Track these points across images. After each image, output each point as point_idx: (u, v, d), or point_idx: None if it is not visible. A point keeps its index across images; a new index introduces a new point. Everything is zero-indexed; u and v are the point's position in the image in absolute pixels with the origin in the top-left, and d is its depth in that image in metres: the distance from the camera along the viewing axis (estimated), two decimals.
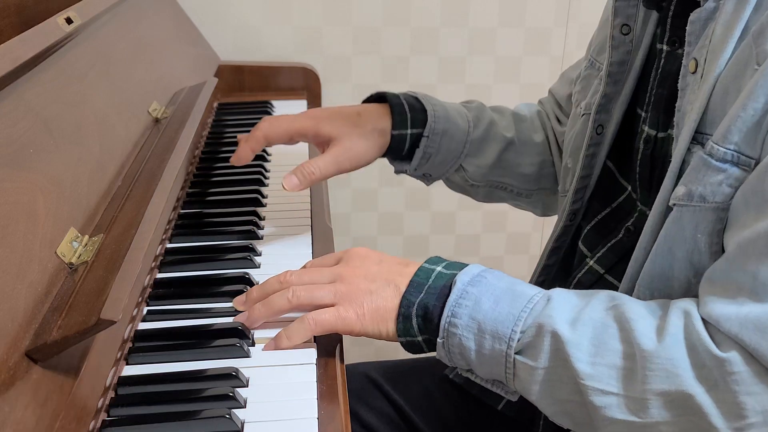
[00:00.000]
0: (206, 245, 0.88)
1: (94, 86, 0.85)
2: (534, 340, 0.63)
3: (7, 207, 0.58)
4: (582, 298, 0.65)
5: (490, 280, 0.67)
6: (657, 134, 0.73)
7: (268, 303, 0.70)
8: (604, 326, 0.62)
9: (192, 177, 1.06)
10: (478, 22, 1.60)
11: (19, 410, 0.50)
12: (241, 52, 1.54)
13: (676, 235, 0.65)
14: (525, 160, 0.96)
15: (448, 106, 0.94)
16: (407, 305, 0.67)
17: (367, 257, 0.72)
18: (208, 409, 0.61)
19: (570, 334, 0.61)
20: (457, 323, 0.65)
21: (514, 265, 1.84)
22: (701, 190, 0.62)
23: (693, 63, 0.66)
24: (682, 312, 0.60)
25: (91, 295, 0.59)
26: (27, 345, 0.55)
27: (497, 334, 0.64)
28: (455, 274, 0.68)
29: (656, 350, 0.58)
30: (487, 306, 0.65)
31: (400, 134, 0.89)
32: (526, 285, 0.67)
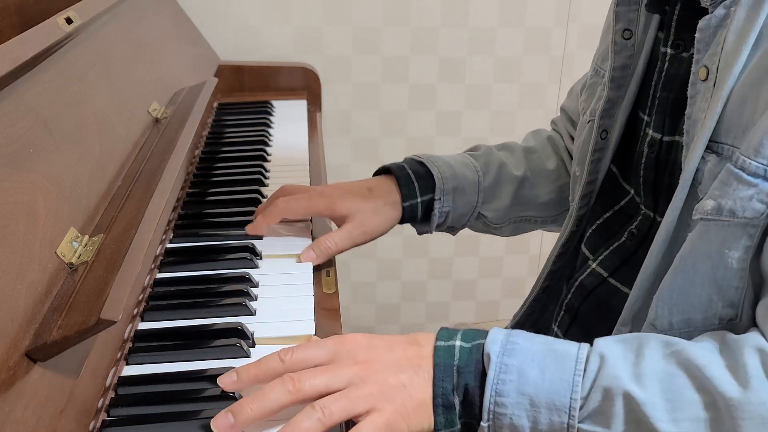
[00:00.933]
0: (206, 245, 0.88)
1: (94, 86, 0.85)
2: (602, 405, 0.57)
3: (7, 207, 0.58)
4: (631, 347, 0.60)
5: (524, 345, 0.61)
6: (662, 138, 0.73)
7: (294, 426, 0.57)
8: (671, 376, 0.57)
9: (192, 177, 1.06)
10: (478, 22, 1.60)
11: (19, 410, 0.50)
12: (241, 52, 1.54)
13: (701, 250, 0.62)
14: (542, 190, 0.96)
15: (453, 161, 0.94)
16: (444, 394, 0.60)
17: (371, 346, 0.62)
18: (208, 409, 0.61)
19: (642, 393, 0.56)
20: (504, 402, 0.58)
21: (514, 266, 1.84)
22: (731, 205, 0.60)
23: (704, 70, 0.64)
24: (755, 350, 0.57)
25: (91, 295, 0.59)
26: (27, 345, 0.55)
27: (554, 406, 0.58)
28: (481, 344, 0.61)
29: (744, 397, 0.55)
30: (534, 376, 0.59)
31: (411, 204, 0.91)
32: (562, 342, 0.62)
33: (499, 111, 1.70)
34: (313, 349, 0.62)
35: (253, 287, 0.79)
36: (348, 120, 1.65)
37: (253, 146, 1.19)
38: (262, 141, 1.21)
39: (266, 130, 1.26)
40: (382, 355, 0.62)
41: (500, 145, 1.00)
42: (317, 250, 0.85)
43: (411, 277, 1.83)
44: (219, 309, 0.75)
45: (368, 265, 1.79)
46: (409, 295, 1.85)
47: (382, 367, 0.61)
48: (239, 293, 0.77)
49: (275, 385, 0.59)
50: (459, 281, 1.85)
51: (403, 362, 0.61)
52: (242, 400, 0.58)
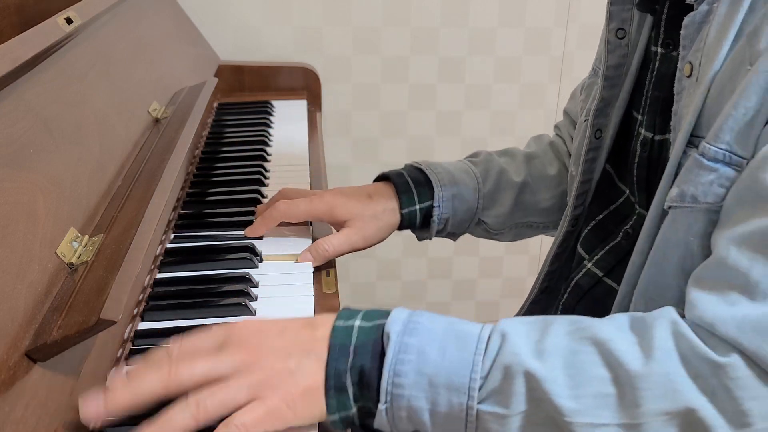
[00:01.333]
0: (206, 245, 0.88)
1: (94, 86, 0.85)
2: (502, 384, 0.55)
3: (7, 207, 0.58)
4: (534, 326, 0.59)
5: (425, 324, 0.59)
6: (654, 137, 0.73)
7: (167, 423, 0.53)
8: (574, 352, 0.56)
9: (192, 177, 1.06)
10: (478, 22, 1.60)
11: (19, 410, 0.50)
12: (241, 52, 1.54)
13: (670, 238, 0.63)
14: (543, 196, 0.96)
15: (453, 168, 0.94)
16: (336, 374, 0.56)
17: (261, 331, 0.59)
18: None
19: (543, 369, 0.54)
20: (403, 383, 0.56)
21: (513, 266, 1.84)
22: (693, 191, 0.61)
23: (688, 66, 0.65)
24: (667, 322, 0.56)
25: (91, 295, 0.59)
26: (27, 345, 0.55)
27: (453, 386, 0.55)
28: (381, 324, 0.59)
29: (646, 368, 0.53)
30: (434, 355, 0.56)
31: (409, 211, 0.91)
32: (463, 323, 0.60)
33: (499, 111, 1.70)
34: (202, 338, 0.59)
35: (253, 287, 0.79)
36: (348, 120, 1.65)
37: (253, 146, 1.19)
38: (262, 141, 1.21)
39: (266, 130, 1.27)
40: (272, 340, 0.58)
41: (501, 151, 1.00)
42: (315, 253, 0.85)
43: (411, 277, 1.83)
44: (219, 309, 0.75)
45: (368, 265, 1.79)
46: (409, 295, 1.85)
47: (269, 352, 0.57)
48: (239, 293, 0.77)
49: (149, 371, 0.55)
50: (459, 281, 1.85)
51: (293, 347, 0.58)
52: (115, 382, 0.55)
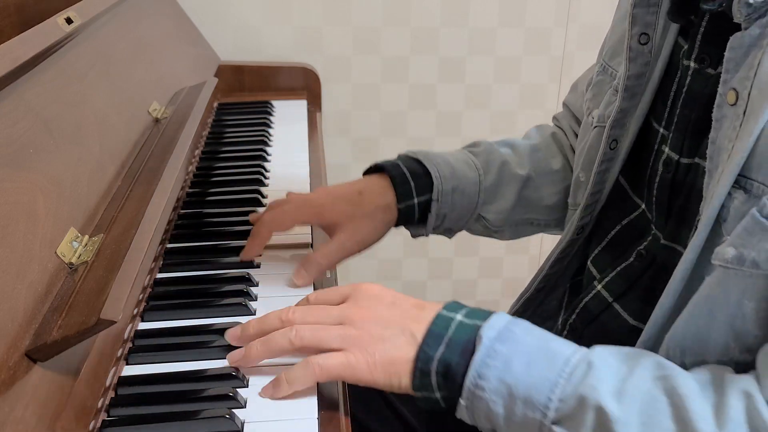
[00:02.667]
0: (206, 245, 0.88)
1: (94, 86, 0.85)
2: (574, 412, 0.56)
3: (7, 207, 0.58)
4: (625, 363, 0.59)
5: (519, 335, 0.60)
6: (680, 159, 0.69)
7: (267, 342, 0.63)
8: (653, 399, 0.55)
9: (192, 177, 1.06)
10: (478, 22, 1.60)
11: (19, 410, 0.50)
12: (241, 52, 1.54)
13: (719, 298, 0.58)
14: (547, 191, 0.92)
15: (452, 158, 0.89)
16: (425, 360, 0.60)
17: (378, 297, 0.65)
18: (208, 409, 0.61)
19: (617, 410, 0.55)
20: (484, 386, 0.58)
21: (514, 266, 1.84)
22: (755, 256, 0.55)
23: (732, 94, 0.59)
24: (743, 394, 0.54)
25: (91, 295, 0.59)
26: (27, 345, 0.55)
27: (530, 401, 0.57)
28: (479, 326, 0.61)
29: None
30: (519, 368, 0.58)
31: (407, 206, 0.86)
32: (559, 341, 0.61)
33: (499, 111, 1.70)
34: (331, 292, 0.68)
35: (253, 287, 0.79)
36: (348, 120, 1.65)
37: (253, 146, 1.19)
38: (262, 141, 1.21)
39: (266, 130, 1.26)
40: (381, 309, 0.64)
41: (501, 141, 0.95)
42: (309, 269, 0.81)
43: (411, 277, 1.83)
44: (219, 309, 0.75)
45: (368, 265, 1.79)
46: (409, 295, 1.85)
47: (373, 317, 0.63)
48: (239, 293, 0.77)
49: (276, 311, 0.66)
50: (459, 281, 1.85)
51: (395, 320, 0.62)
52: (247, 322, 0.66)
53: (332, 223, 0.84)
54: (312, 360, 0.61)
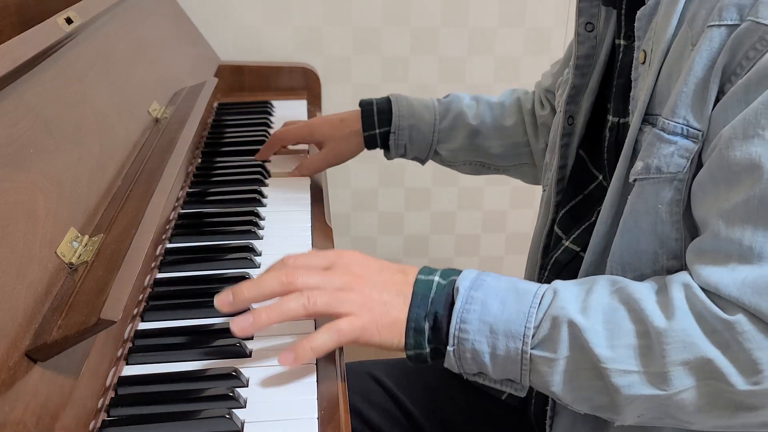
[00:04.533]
0: (206, 245, 0.88)
1: (94, 86, 0.85)
2: (550, 332, 0.64)
3: (7, 207, 0.58)
4: (583, 286, 0.67)
5: (490, 282, 0.68)
6: (619, 120, 0.78)
7: (279, 308, 0.65)
8: (613, 309, 0.64)
9: (192, 177, 1.06)
10: (478, 22, 1.60)
11: (19, 410, 0.50)
12: (241, 52, 1.54)
13: (640, 208, 0.69)
14: (493, 143, 1.08)
15: (416, 102, 1.10)
16: (416, 319, 0.67)
17: (367, 264, 0.71)
18: (208, 409, 0.61)
19: (585, 321, 0.63)
20: (467, 329, 0.66)
21: (514, 266, 1.84)
22: (657, 163, 0.67)
23: (642, 54, 0.72)
24: (681, 285, 0.63)
25: (91, 295, 0.59)
26: (27, 345, 0.55)
27: (510, 333, 0.65)
28: (454, 279, 0.69)
29: (668, 325, 0.61)
30: (495, 307, 0.66)
31: (370, 134, 1.09)
32: (524, 282, 0.69)
33: None
34: (314, 256, 0.71)
35: None
36: None
37: (253, 146, 1.19)
38: (262, 141, 1.21)
39: (266, 130, 1.26)
40: (373, 275, 0.70)
41: (473, 95, 1.13)
42: (300, 169, 1.09)
43: None
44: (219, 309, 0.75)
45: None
46: None
47: (371, 283, 0.69)
48: None
49: (271, 274, 0.68)
50: None
51: (389, 285, 0.69)
52: (241, 283, 0.67)
53: (319, 140, 1.11)
54: (333, 326, 0.66)
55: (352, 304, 0.67)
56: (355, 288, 0.68)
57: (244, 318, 0.65)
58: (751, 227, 0.61)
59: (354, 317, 0.66)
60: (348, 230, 1.74)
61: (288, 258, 0.70)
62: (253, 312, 0.65)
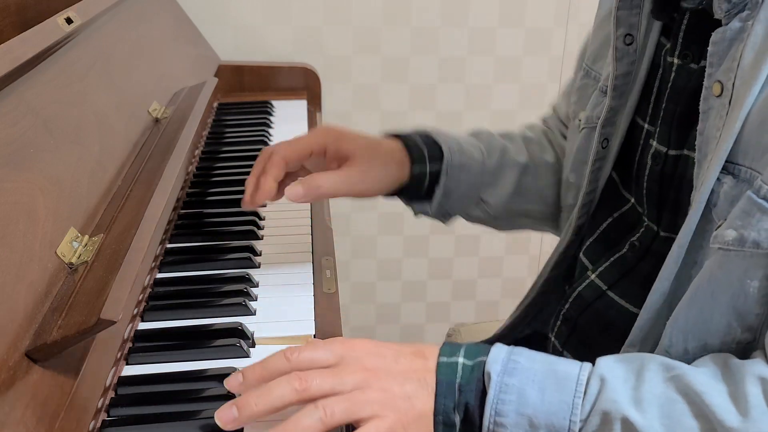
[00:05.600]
0: (206, 245, 0.88)
1: (94, 86, 0.85)
2: (600, 429, 0.57)
3: (7, 207, 0.58)
4: (631, 366, 0.60)
5: (524, 363, 0.60)
6: (668, 151, 0.71)
7: (295, 423, 0.56)
8: (670, 401, 0.57)
9: (192, 177, 1.06)
10: (478, 22, 1.60)
11: (19, 410, 0.50)
12: (241, 52, 1.54)
13: (721, 280, 0.60)
14: (543, 182, 0.93)
15: (460, 137, 0.90)
16: (445, 411, 0.60)
17: (381, 354, 0.62)
18: (208, 409, 0.61)
19: (640, 418, 0.56)
20: (504, 422, 0.58)
21: (514, 265, 1.84)
22: (755, 236, 0.58)
23: (718, 86, 0.62)
24: (758, 379, 0.56)
25: (91, 295, 0.59)
26: (27, 345, 0.55)
27: (553, 428, 0.57)
28: (483, 361, 0.61)
29: (743, 426, 0.54)
30: (534, 398, 0.58)
31: (420, 171, 0.85)
32: (564, 362, 0.61)
33: (499, 111, 1.70)
34: (321, 350, 0.61)
35: (253, 287, 0.79)
36: (348, 120, 1.65)
37: (253, 146, 1.19)
38: (262, 141, 1.21)
39: (266, 130, 1.26)
40: (390, 365, 0.61)
41: (500, 132, 0.96)
42: (306, 187, 0.77)
43: (411, 277, 1.83)
44: (219, 309, 0.75)
45: (368, 265, 1.79)
46: (409, 295, 1.85)
47: (389, 376, 0.60)
48: (239, 293, 0.77)
49: (282, 382, 0.58)
50: (459, 281, 1.85)
51: (409, 374, 0.61)
52: (247, 394, 0.57)
53: (347, 154, 0.80)
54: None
55: (373, 405, 0.58)
56: (373, 385, 0.59)
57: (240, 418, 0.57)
58: None
59: (378, 420, 0.58)
60: (348, 230, 1.74)
61: (290, 353, 0.60)
62: None
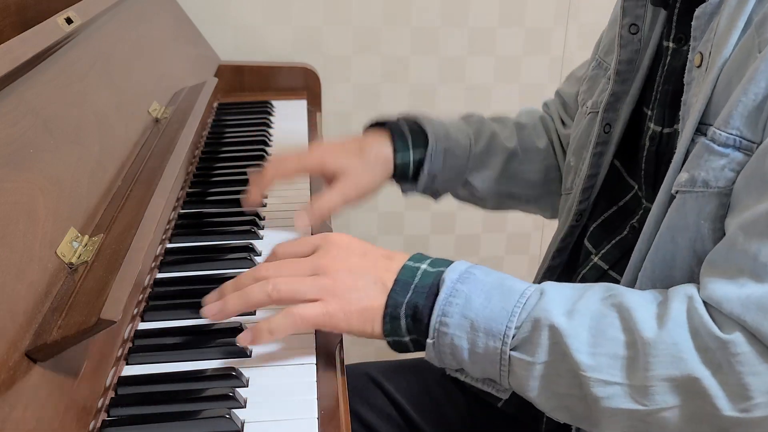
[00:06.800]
0: (206, 245, 0.88)
1: (94, 86, 0.85)
2: (531, 335, 0.61)
3: (7, 207, 0.58)
4: (576, 290, 0.64)
5: (479, 276, 0.65)
6: (663, 130, 0.74)
7: (244, 295, 0.65)
8: (602, 316, 0.61)
9: (192, 177, 1.06)
10: (478, 22, 1.60)
11: (19, 410, 0.50)
12: (241, 52, 1.54)
13: (679, 222, 0.64)
14: (530, 167, 0.97)
15: (448, 123, 0.94)
16: (394, 305, 0.65)
17: (349, 248, 0.68)
18: (208, 409, 0.61)
19: (567, 325, 0.60)
20: (448, 322, 0.63)
21: (514, 265, 1.84)
22: (704, 176, 0.62)
23: (698, 57, 0.66)
24: (684, 296, 0.60)
25: (91, 295, 0.59)
26: (27, 345, 0.55)
27: (491, 332, 0.62)
28: (442, 271, 0.65)
29: (658, 336, 0.58)
30: (479, 303, 0.63)
31: (403, 161, 0.91)
32: (515, 280, 0.66)
33: (499, 111, 1.69)
34: (301, 243, 0.70)
35: None
36: (348, 120, 1.65)
37: (253, 146, 1.19)
38: (262, 141, 1.21)
39: (266, 130, 1.26)
40: (353, 259, 0.67)
41: (493, 116, 1.00)
42: (311, 214, 0.84)
43: None
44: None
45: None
46: None
47: (345, 267, 0.66)
48: None
49: (246, 272, 0.68)
50: None
51: (369, 269, 0.66)
52: (228, 296, 0.66)
53: (334, 172, 0.87)
54: (292, 310, 0.64)
55: (319, 290, 0.65)
56: (328, 273, 0.65)
57: (215, 304, 0.67)
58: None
59: (320, 303, 0.64)
60: (348, 230, 1.73)
61: (278, 247, 0.70)
62: (224, 300, 0.67)
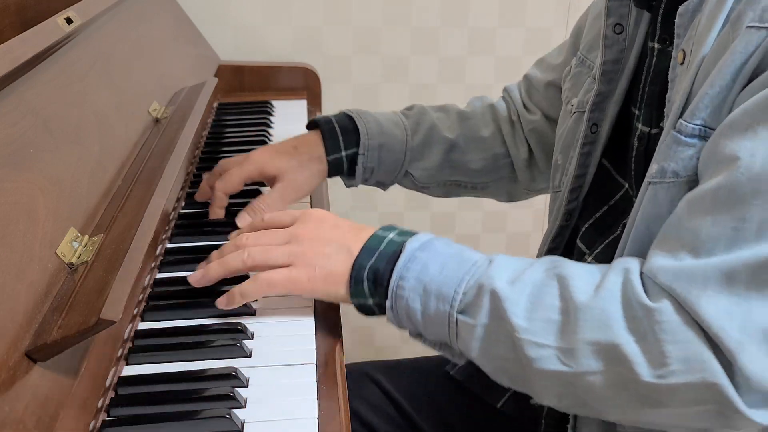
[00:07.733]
0: (206, 245, 0.87)
1: (94, 86, 0.85)
2: (474, 299, 0.65)
3: (7, 207, 0.58)
4: (525, 263, 0.67)
5: (439, 246, 0.69)
6: (650, 131, 0.74)
7: (223, 262, 0.72)
8: (543, 285, 0.64)
9: (192, 177, 1.06)
10: (478, 22, 1.60)
11: (19, 410, 0.50)
12: (241, 52, 1.54)
13: (653, 212, 0.66)
14: (472, 156, 1.00)
15: (383, 118, 0.98)
16: (358, 268, 0.69)
17: (323, 220, 0.74)
18: (208, 409, 0.61)
19: (508, 291, 0.64)
20: (404, 285, 0.67)
21: None
22: (674, 167, 0.64)
23: (681, 54, 0.67)
24: (622, 269, 0.62)
25: (91, 295, 0.59)
26: (27, 345, 0.55)
27: (441, 295, 0.66)
28: (406, 240, 0.70)
29: (590, 301, 0.61)
30: (434, 270, 0.67)
31: (335, 158, 0.95)
32: (473, 252, 0.69)
33: None
34: (283, 215, 0.76)
35: None
36: None
37: (253, 146, 1.18)
38: (262, 141, 1.21)
39: (266, 130, 1.26)
40: (325, 229, 0.72)
41: (438, 106, 1.03)
42: (251, 214, 0.90)
43: None
44: (219, 309, 0.75)
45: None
46: None
47: (317, 236, 0.72)
48: None
49: (229, 242, 0.75)
50: None
51: (337, 239, 0.71)
52: (211, 264, 0.74)
53: (272, 175, 0.93)
54: (260, 276, 0.70)
55: (288, 256, 0.70)
56: (299, 241, 0.71)
57: (198, 271, 0.74)
58: (711, 219, 0.58)
59: (286, 269, 0.70)
60: None
61: (265, 216, 0.78)
62: (207, 267, 0.74)
